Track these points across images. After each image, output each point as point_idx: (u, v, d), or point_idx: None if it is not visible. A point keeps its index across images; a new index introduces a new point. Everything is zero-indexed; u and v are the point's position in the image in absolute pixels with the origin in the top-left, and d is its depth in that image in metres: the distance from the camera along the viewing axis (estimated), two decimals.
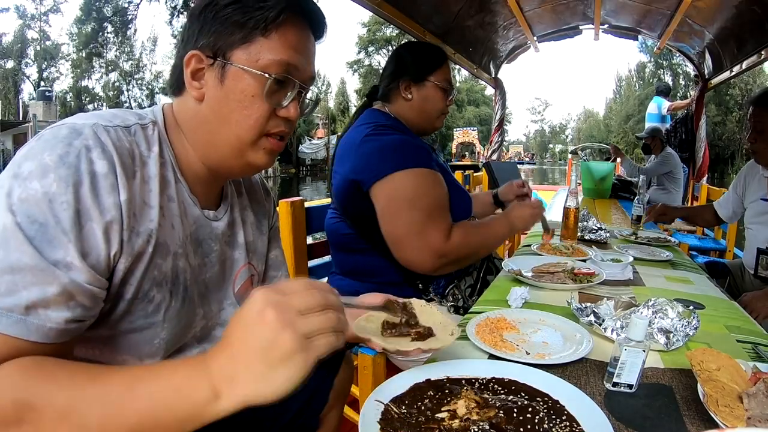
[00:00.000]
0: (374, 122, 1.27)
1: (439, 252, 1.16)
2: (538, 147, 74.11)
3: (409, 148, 1.21)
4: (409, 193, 1.16)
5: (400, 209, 1.16)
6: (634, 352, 0.65)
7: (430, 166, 1.21)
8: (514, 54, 4.32)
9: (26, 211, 0.49)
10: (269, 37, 0.62)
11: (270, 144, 0.66)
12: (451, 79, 1.37)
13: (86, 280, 0.51)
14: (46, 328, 0.49)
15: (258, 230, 0.82)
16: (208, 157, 0.67)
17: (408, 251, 1.18)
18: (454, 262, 1.21)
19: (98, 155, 0.53)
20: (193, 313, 0.67)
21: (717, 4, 2.83)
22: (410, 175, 1.17)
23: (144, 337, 0.61)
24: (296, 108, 0.66)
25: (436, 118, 1.38)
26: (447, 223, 1.19)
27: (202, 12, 0.62)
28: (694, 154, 4.41)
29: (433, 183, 1.20)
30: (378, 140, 1.21)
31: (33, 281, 0.48)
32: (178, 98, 0.67)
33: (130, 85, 35.60)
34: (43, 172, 0.50)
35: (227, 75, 0.62)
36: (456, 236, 1.18)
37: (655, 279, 1.30)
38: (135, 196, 0.57)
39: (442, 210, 1.21)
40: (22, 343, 0.48)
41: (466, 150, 33.92)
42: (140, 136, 0.61)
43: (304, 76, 0.66)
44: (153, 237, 0.59)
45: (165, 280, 0.61)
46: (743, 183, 2.03)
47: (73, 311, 0.51)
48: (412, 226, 1.16)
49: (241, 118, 0.63)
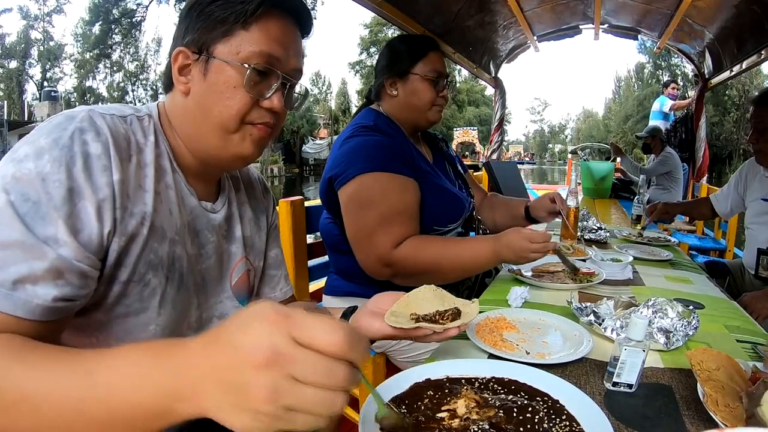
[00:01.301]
0: (358, 123, 1.26)
1: (383, 259, 1.12)
2: (538, 147, 74.04)
3: (383, 150, 1.17)
4: (367, 195, 1.14)
5: (356, 211, 1.15)
6: (634, 351, 0.65)
7: (401, 171, 1.17)
8: (514, 54, 4.31)
9: (20, 190, 0.50)
10: (249, 30, 0.63)
11: (256, 131, 0.67)
12: (440, 68, 1.30)
13: (76, 257, 0.52)
14: (32, 304, 0.50)
15: (256, 226, 0.83)
16: (197, 150, 0.68)
17: (359, 254, 1.17)
18: (404, 275, 1.14)
19: (92, 137, 0.55)
20: (188, 302, 0.68)
21: (717, 4, 2.83)
22: (372, 178, 1.14)
23: (139, 321, 0.62)
24: (280, 99, 0.66)
25: (428, 111, 1.31)
26: (399, 231, 1.13)
27: (189, 11, 0.65)
28: (694, 153, 4.41)
29: (397, 188, 1.15)
30: (354, 141, 1.20)
31: (22, 257, 0.49)
32: (168, 95, 0.69)
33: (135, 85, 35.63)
34: (37, 154, 0.52)
35: (210, 69, 0.64)
36: (406, 247, 1.12)
37: (655, 279, 1.30)
38: (129, 178, 0.58)
39: (399, 218, 1.14)
40: (8, 319, 0.49)
41: (466, 150, 33.90)
42: (136, 126, 0.63)
43: (287, 67, 0.67)
44: (147, 219, 0.60)
45: (161, 265, 0.62)
46: (744, 182, 2.03)
47: (61, 289, 0.51)
48: (363, 228, 1.14)
49: (223, 108, 0.64)
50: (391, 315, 0.69)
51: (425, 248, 1.14)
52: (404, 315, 0.70)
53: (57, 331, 0.55)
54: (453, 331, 0.68)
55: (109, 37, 32.42)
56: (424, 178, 1.25)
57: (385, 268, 1.13)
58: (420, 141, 1.42)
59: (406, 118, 1.32)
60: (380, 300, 0.75)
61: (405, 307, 0.72)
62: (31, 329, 0.50)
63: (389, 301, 0.73)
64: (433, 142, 1.50)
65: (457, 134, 33.67)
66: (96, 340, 0.60)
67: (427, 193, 1.24)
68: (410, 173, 1.21)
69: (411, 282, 1.14)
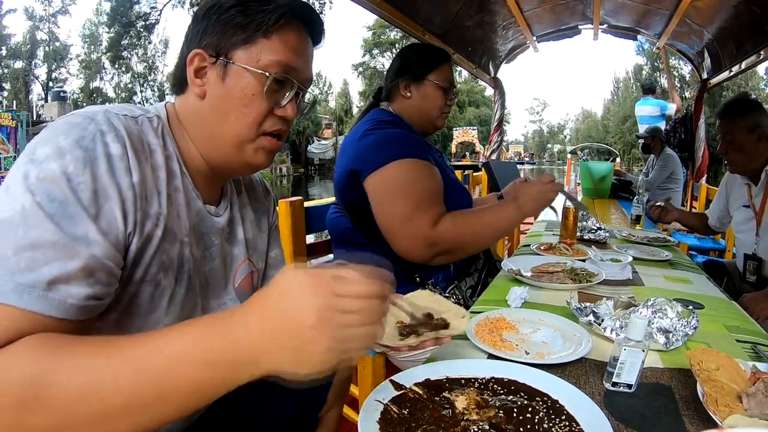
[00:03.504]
0: (376, 118, 1.31)
1: (428, 240, 1.15)
2: (537, 147, 74.08)
3: (406, 140, 1.23)
4: (401, 181, 1.18)
5: (391, 198, 1.18)
6: (634, 351, 0.65)
7: (425, 158, 1.23)
8: (513, 54, 4.32)
9: (45, 190, 0.50)
10: (270, 39, 0.64)
11: (268, 143, 0.69)
12: (452, 79, 1.38)
13: (106, 255, 0.52)
14: (67, 304, 0.50)
15: (257, 228, 0.83)
16: (209, 154, 0.69)
17: (399, 240, 1.19)
18: (448, 252, 1.20)
19: (112, 139, 0.55)
20: (194, 303, 0.69)
21: (716, 4, 2.83)
22: (403, 165, 1.19)
23: (148, 322, 0.62)
24: (293, 108, 0.68)
25: (437, 117, 1.39)
26: (436, 211, 1.18)
27: (206, 13, 0.66)
28: (693, 153, 4.42)
29: (426, 174, 1.21)
30: (376, 133, 1.24)
31: (54, 257, 0.49)
32: (180, 96, 0.69)
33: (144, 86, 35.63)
34: (59, 154, 0.51)
35: (229, 73, 0.64)
36: (445, 224, 1.17)
37: (655, 279, 1.30)
38: (147, 179, 0.59)
39: (433, 199, 1.20)
40: (44, 320, 0.49)
41: (466, 150, 33.94)
42: (147, 127, 0.63)
43: (302, 77, 0.69)
44: (161, 221, 0.60)
45: (171, 266, 0.63)
46: (725, 192, 2.08)
47: (93, 288, 0.52)
48: (402, 214, 1.17)
49: (240, 115, 0.65)
50: None
51: (462, 221, 1.21)
52: (391, 322, 0.69)
53: (84, 331, 0.54)
54: (429, 343, 0.66)
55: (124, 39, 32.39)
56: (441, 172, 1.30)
57: (429, 249, 1.17)
58: None
59: (415, 120, 1.38)
60: None
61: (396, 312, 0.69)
62: (63, 329, 0.50)
63: None
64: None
65: (456, 134, 33.69)
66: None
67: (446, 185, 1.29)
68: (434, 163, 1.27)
69: (452, 258, 1.25)
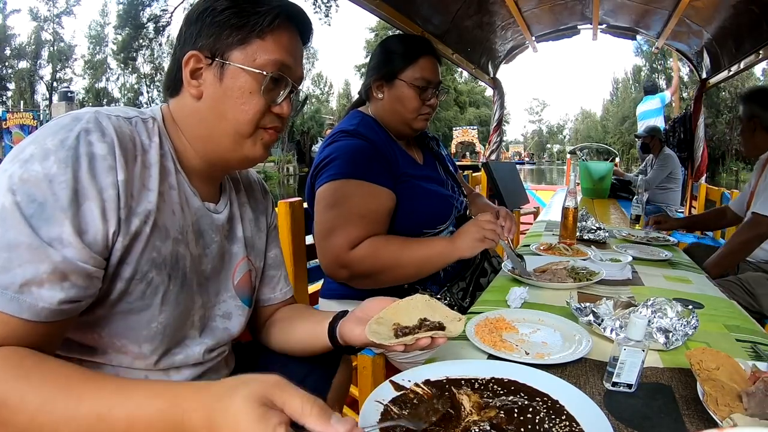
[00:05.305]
0: (340, 128, 1.25)
1: (340, 261, 1.11)
2: (536, 147, 74.05)
3: (357, 157, 1.16)
4: (332, 199, 1.14)
5: (319, 213, 1.16)
6: (634, 351, 0.65)
7: (373, 179, 1.15)
8: (513, 54, 4.32)
9: (26, 191, 0.51)
10: (264, 39, 0.66)
11: (267, 135, 0.70)
12: (429, 75, 1.23)
13: (81, 258, 0.53)
14: (38, 307, 0.50)
15: (256, 227, 0.84)
16: (207, 152, 0.70)
17: (319, 256, 1.17)
18: (363, 276, 1.13)
19: (97, 138, 0.56)
20: (191, 300, 0.69)
21: (715, 4, 2.83)
22: (340, 184, 1.14)
23: (141, 319, 0.62)
24: (289, 105, 0.70)
25: (414, 119, 1.26)
26: (357, 234, 1.11)
27: (200, 16, 0.67)
28: (692, 153, 4.42)
29: (364, 194, 1.14)
30: (333, 146, 1.20)
31: (27, 259, 0.50)
32: (174, 98, 0.70)
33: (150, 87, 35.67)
34: (44, 155, 0.52)
35: (226, 74, 0.66)
36: (362, 249, 1.10)
37: (654, 278, 1.30)
38: (134, 178, 0.59)
39: (359, 221, 1.11)
40: (15, 321, 0.50)
41: (466, 150, 33.93)
42: (141, 127, 0.64)
43: (295, 75, 0.71)
44: (150, 218, 0.61)
45: (164, 264, 0.63)
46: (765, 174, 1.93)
47: (67, 292, 0.52)
48: (323, 231, 1.14)
49: (238, 113, 0.67)
50: (374, 323, 0.67)
51: (385, 248, 1.12)
52: (388, 324, 0.68)
53: (63, 330, 0.56)
54: (424, 341, 0.65)
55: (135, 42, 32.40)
56: (408, 182, 1.24)
57: (342, 270, 1.13)
58: (410, 143, 1.39)
59: (390, 123, 1.29)
60: (369, 306, 0.74)
61: (392, 315, 0.69)
62: (38, 330, 0.51)
63: (377, 307, 0.72)
64: (423, 141, 1.46)
65: (456, 134, 33.70)
66: (99, 336, 0.61)
67: (412, 197, 1.23)
68: (386, 181, 1.18)
69: (370, 283, 1.15)
